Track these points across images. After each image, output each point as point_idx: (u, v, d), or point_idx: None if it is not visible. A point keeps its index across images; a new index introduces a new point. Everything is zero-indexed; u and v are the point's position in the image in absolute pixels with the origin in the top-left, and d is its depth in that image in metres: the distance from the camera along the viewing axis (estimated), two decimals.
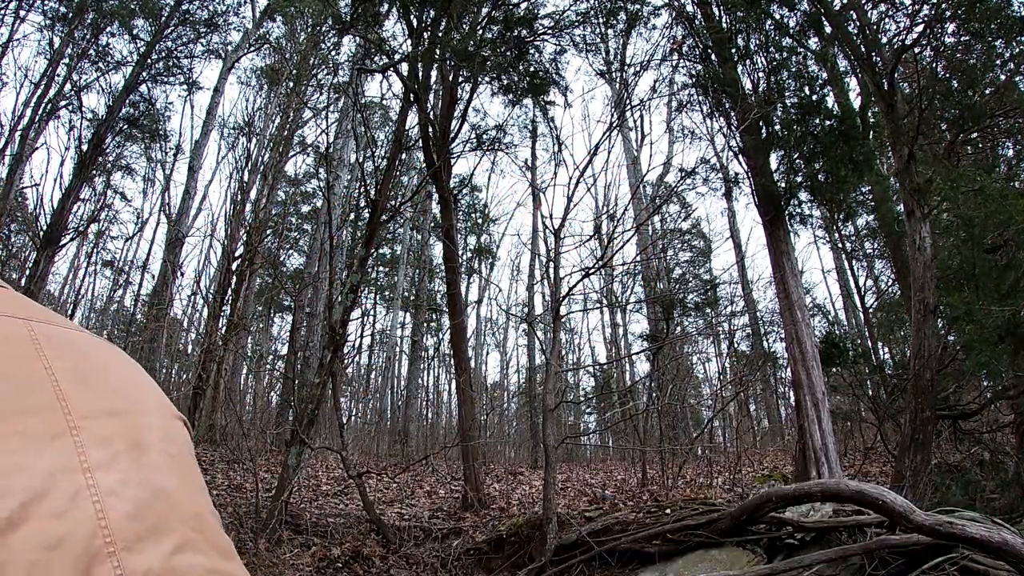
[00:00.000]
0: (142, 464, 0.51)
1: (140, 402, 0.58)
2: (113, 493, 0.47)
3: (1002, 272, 4.91)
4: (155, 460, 0.52)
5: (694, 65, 8.02)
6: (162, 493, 0.50)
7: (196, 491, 0.55)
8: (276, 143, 10.89)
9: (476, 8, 8.07)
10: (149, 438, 0.54)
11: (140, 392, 0.60)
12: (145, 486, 0.50)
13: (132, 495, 0.48)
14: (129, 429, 0.53)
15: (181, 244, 11.50)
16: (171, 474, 0.53)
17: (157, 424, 0.56)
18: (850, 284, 14.64)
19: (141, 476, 0.50)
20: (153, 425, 0.56)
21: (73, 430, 0.49)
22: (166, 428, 0.58)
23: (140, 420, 0.55)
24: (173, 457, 0.55)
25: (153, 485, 0.50)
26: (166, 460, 0.54)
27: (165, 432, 0.57)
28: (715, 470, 9.23)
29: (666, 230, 16.03)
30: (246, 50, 12.28)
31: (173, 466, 0.54)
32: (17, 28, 10.01)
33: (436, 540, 5.80)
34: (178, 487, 0.52)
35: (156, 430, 0.56)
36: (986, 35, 6.04)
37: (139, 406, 0.57)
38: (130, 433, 0.53)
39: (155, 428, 0.56)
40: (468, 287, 18.30)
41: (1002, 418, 7.27)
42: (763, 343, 14.95)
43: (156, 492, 0.50)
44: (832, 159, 6.59)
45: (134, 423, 0.54)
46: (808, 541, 4.15)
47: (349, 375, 18.66)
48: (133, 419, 0.55)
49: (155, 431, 0.55)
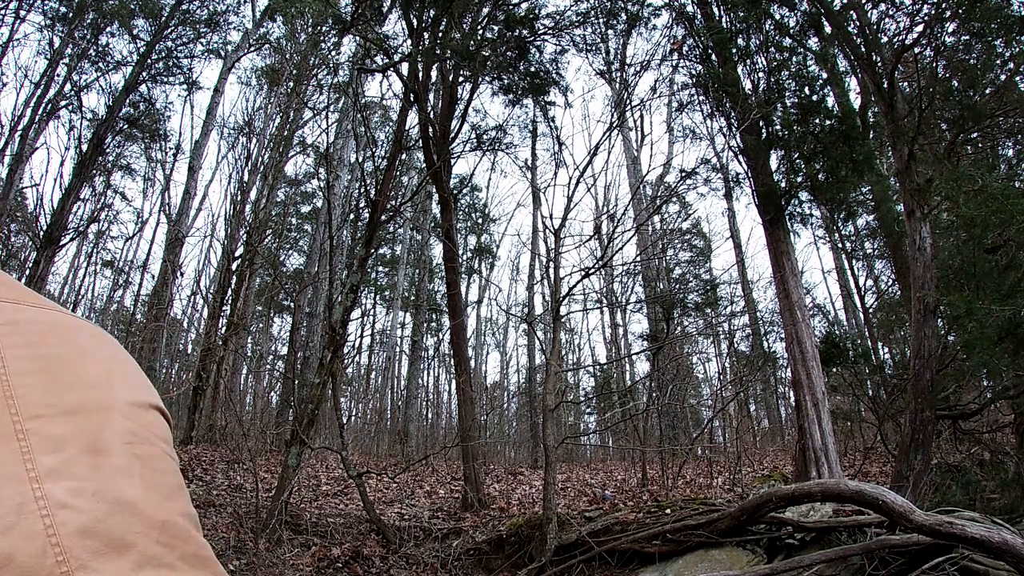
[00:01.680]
0: (100, 470, 0.46)
1: (106, 396, 0.52)
2: (65, 506, 0.43)
3: (1002, 272, 4.91)
4: (116, 464, 0.48)
5: (694, 65, 8.02)
6: (122, 503, 0.46)
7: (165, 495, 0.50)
8: (276, 143, 10.89)
9: (477, 8, 8.07)
10: (110, 439, 0.49)
11: (109, 383, 0.54)
12: (102, 496, 0.45)
13: (87, 507, 0.44)
14: (87, 430, 0.48)
15: (181, 244, 11.50)
16: (135, 479, 0.48)
17: (120, 422, 0.51)
18: (850, 284, 14.64)
19: (98, 484, 0.45)
20: (115, 424, 0.51)
21: (20, 433, 0.44)
22: (133, 425, 0.52)
23: (101, 418, 0.50)
24: (139, 458, 0.50)
25: (112, 494, 0.45)
26: (130, 463, 0.49)
27: (131, 430, 0.52)
28: (715, 470, 9.23)
29: (666, 230, 16.02)
30: (246, 50, 12.27)
31: (138, 469, 0.49)
32: (17, 28, 10.02)
33: (436, 540, 5.80)
34: (142, 493, 0.48)
35: (119, 429, 0.51)
36: (986, 35, 6.03)
37: (103, 401, 0.52)
38: (88, 434, 0.48)
39: (118, 426, 0.51)
40: (468, 287, 18.32)
41: (1002, 418, 7.27)
42: (763, 343, 14.95)
43: (115, 502, 0.45)
44: (832, 159, 6.59)
45: (94, 422, 0.49)
46: (808, 541, 4.15)
47: (349, 375, 18.67)
48: (93, 417, 0.50)
49: (118, 430, 0.50)
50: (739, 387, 12.09)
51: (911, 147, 6.01)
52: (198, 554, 0.49)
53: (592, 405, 15.93)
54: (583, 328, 21.95)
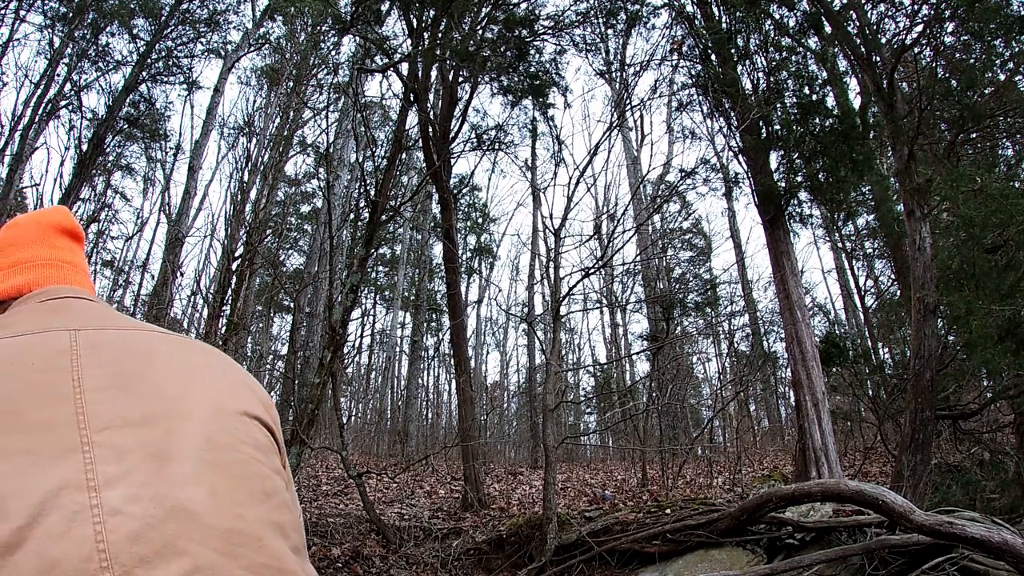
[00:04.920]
0: (162, 477, 0.47)
1: (180, 405, 0.53)
2: (118, 512, 0.44)
3: (1002, 272, 4.90)
4: (181, 471, 0.48)
5: (694, 65, 8.01)
6: (180, 510, 0.46)
7: (240, 502, 0.50)
8: (276, 143, 10.88)
9: (476, 8, 8.06)
10: (179, 446, 0.50)
11: (188, 392, 0.55)
12: (159, 502, 0.46)
13: (140, 512, 0.44)
14: (153, 438, 0.49)
15: (181, 244, 11.49)
16: (202, 486, 0.48)
17: (195, 430, 0.52)
18: (850, 284, 14.65)
19: (157, 491, 0.46)
20: (188, 431, 0.51)
21: (85, 446, 0.46)
22: (214, 432, 0.53)
23: (170, 426, 0.51)
24: (213, 465, 0.50)
25: (171, 501, 0.46)
26: (199, 469, 0.49)
27: (209, 436, 0.52)
28: (715, 470, 9.23)
29: (666, 229, 16.02)
30: (246, 50, 12.26)
31: (209, 476, 0.49)
32: (17, 28, 10.02)
33: (436, 540, 5.80)
34: (208, 500, 0.48)
35: (193, 436, 0.51)
36: (985, 34, 6.03)
37: (176, 410, 0.53)
38: (154, 443, 0.49)
39: (191, 434, 0.51)
40: (468, 287, 18.31)
41: (1002, 418, 7.27)
42: (763, 343, 14.95)
43: (172, 509, 0.46)
44: (832, 159, 6.59)
45: (165, 430, 0.50)
46: (808, 541, 4.15)
47: (349, 375, 18.67)
48: (162, 425, 0.51)
49: (191, 437, 0.51)
50: (739, 387, 12.08)
51: (911, 147, 6.01)
52: (268, 564, 0.48)
53: (592, 405, 15.93)
54: (583, 328, 21.96)
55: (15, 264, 0.75)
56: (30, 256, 0.76)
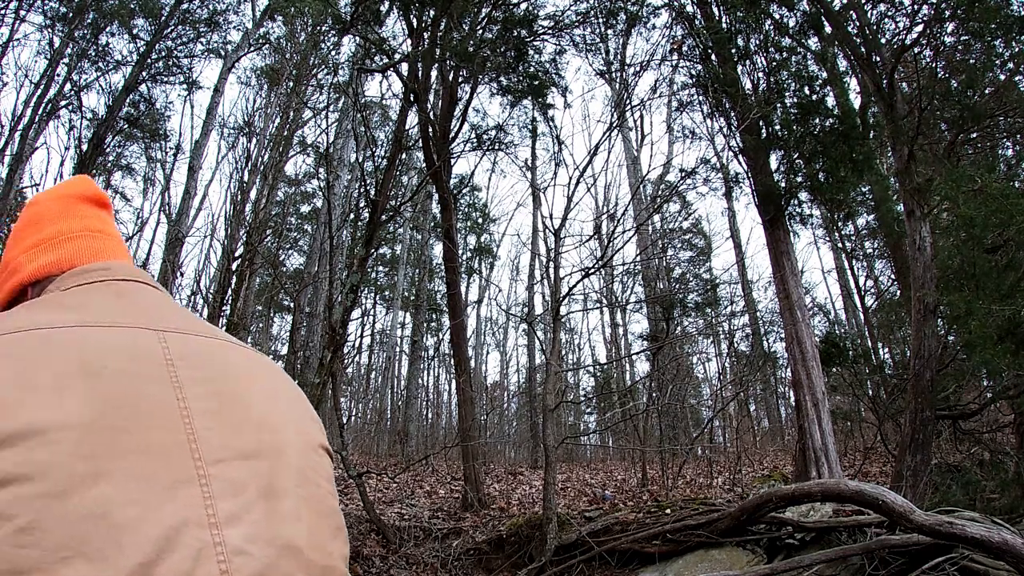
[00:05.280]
0: (274, 515, 0.47)
1: (280, 438, 0.53)
2: (241, 552, 0.44)
3: (1002, 272, 4.90)
4: (288, 509, 0.48)
5: (694, 65, 8.02)
6: (290, 548, 0.46)
7: (328, 538, 0.51)
8: (276, 143, 10.88)
9: (476, 8, 8.07)
10: (283, 483, 0.49)
11: (284, 423, 0.54)
12: (274, 543, 0.46)
13: (261, 553, 0.44)
14: (263, 473, 0.49)
15: (181, 244, 11.49)
16: (302, 523, 0.49)
17: (292, 464, 0.52)
18: (850, 284, 14.64)
19: (271, 531, 0.46)
20: (289, 466, 0.51)
21: (202, 478, 0.45)
22: (304, 466, 0.53)
23: (276, 461, 0.50)
24: (307, 501, 0.51)
25: (282, 540, 0.46)
26: (298, 506, 0.49)
27: (301, 471, 0.52)
28: (715, 470, 9.23)
29: (666, 229, 16.02)
30: (246, 50, 12.26)
31: (306, 513, 0.50)
32: (17, 28, 10.01)
33: (436, 540, 5.80)
34: (308, 539, 0.48)
35: (292, 471, 0.51)
36: (985, 34, 6.03)
37: (277, 443, 0.52)
38: (264, 478, 0.49)
39: (292, 469, 0.51)
40: (468, 287, 18.31)
41: (1002, 418, 7.27)
42: (763, 343, 14.95)
43: (284, 548, 0.46)
44: (832, 159, 6.59)
45: (270, 466, 0.50)
46: (808, 541, 4.15)
47: (349, 375, 18.67)
48: (270, 461, 0.50)
49: (292, 472, 0.51)
50: (739, 387, 12.09)
51: (911, 147, 6.01)
52: None
53: (592, 405, 15.93)
54: (583, 328, 21.96)
55: (42, 242, 0.70)
56: (58, 231, 0.71)
